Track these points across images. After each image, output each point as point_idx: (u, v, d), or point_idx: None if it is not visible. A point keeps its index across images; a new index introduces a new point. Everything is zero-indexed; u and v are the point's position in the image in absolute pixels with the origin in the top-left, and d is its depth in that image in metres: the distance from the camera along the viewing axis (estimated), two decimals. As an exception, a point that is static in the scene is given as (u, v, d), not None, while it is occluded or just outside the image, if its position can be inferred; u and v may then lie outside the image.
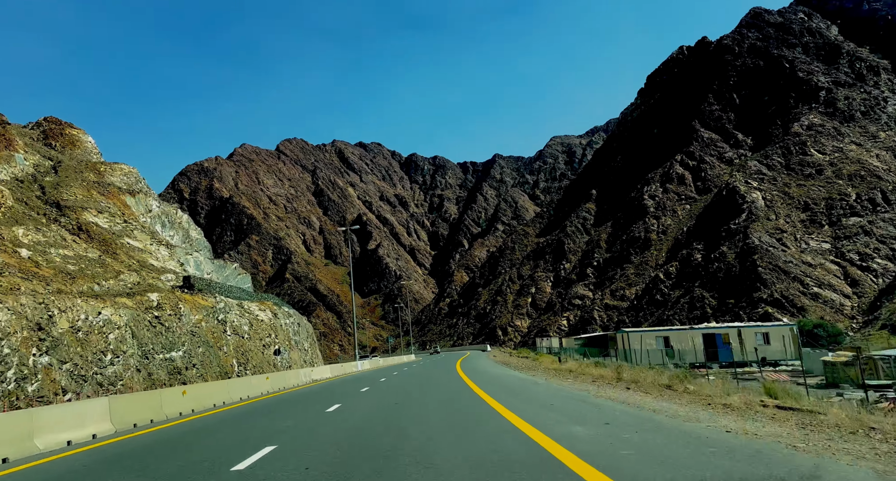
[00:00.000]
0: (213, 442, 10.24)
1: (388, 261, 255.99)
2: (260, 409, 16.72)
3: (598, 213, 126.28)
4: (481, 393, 14.81)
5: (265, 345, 38.97)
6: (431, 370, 34.45)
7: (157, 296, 29.26)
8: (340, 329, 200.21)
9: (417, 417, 11.48)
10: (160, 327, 28.74)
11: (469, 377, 21.68)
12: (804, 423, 8.43)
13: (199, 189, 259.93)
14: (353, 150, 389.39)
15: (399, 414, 12.06)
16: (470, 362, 43.09)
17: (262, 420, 13.50)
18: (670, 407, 11.12)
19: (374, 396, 16.85)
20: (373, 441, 8.71)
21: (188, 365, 29.76)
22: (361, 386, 23.71)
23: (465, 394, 15.12)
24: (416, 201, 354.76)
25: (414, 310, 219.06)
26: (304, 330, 52.82)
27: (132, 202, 44.72)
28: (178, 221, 51.38)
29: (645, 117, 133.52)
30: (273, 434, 10.44)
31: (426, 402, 14.16)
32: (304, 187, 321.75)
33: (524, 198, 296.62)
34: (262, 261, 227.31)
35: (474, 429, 9.25)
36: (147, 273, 34.22)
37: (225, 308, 35.18)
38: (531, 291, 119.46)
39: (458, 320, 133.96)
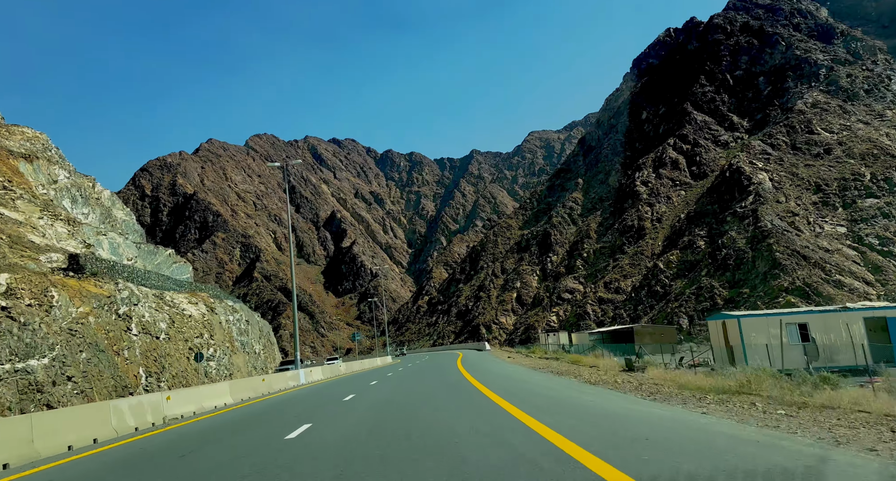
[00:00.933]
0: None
1: (363, 259, 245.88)
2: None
3: (585, 203, 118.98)
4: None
5: (193, 349, 29.61)
6: (426, 391, 18.45)
7: (6, 277, 19.87)
8: (313, 329, 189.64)
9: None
10: (9, 323, 19.30)
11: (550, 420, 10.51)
12: None
13: (162, 185, 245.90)
14: (327, 147, 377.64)
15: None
16: (483, 368, 28.08)
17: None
18: None
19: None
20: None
21: (58, 378, 20.31)
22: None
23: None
24: (392, 198, 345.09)
25: (391, 309, 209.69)
26: (255, 329, 43.42)
27: (28, 169, 34.91)
28: (97, 197, 41.51)
29: (632, 102, 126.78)
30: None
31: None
32: (274, 184, 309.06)
33: (503, 193, 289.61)
34: (229, 259, 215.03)
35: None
36: (17, 250, 24.71)
37: (130, 298, 25.81)
38: (516, 286, 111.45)
39: (438, 318, 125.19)
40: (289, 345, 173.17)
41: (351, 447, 7.87)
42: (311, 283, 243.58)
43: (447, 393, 16.55)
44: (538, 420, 8.98)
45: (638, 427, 8.15)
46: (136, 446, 11.29)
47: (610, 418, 9.27)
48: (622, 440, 6.97)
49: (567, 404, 11.65)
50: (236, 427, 12.93)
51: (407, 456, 7.02)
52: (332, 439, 9.08)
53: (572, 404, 11.51)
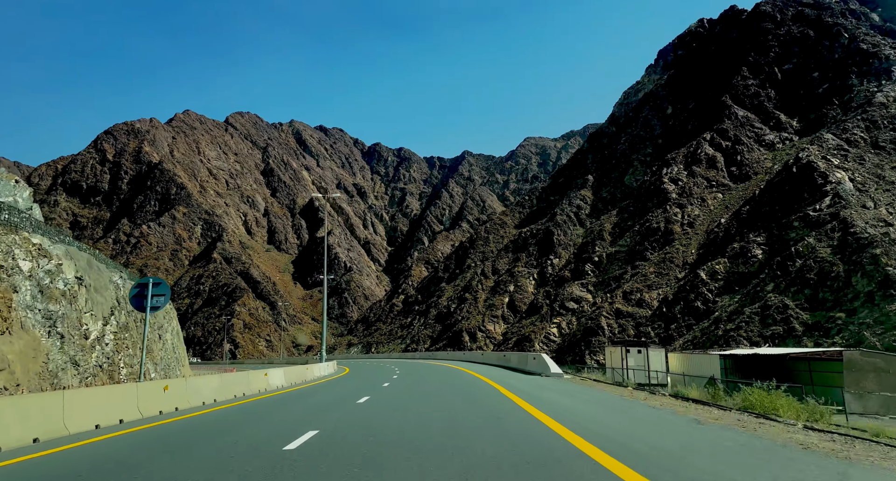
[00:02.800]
0: None
1: (338, 250, 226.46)
2: None
3: (595, 201, 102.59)
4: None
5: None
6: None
7: None
8: (273, 321, 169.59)
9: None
10: None
11: None
12: None
13: (126, 151, 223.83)
14: (312, 133, 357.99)
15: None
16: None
17: None
18: None
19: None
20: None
21: None
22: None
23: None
24: (376, 193, 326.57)
25: (362, 306, 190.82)
26: (106, 296, 25.25)
27: None
28: None
29: (657, 96, 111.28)
30: None
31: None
32: (251, 164, 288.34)
33: (493, 197, 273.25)
34: (188, 236, 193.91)
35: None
36: None
37: None
38: (509, 289, 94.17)
39: (414, 320, 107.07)
40: (241, 336, 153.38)
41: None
42: (278, 272, 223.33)
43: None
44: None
45: None
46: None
47: None
48: None
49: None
50: None
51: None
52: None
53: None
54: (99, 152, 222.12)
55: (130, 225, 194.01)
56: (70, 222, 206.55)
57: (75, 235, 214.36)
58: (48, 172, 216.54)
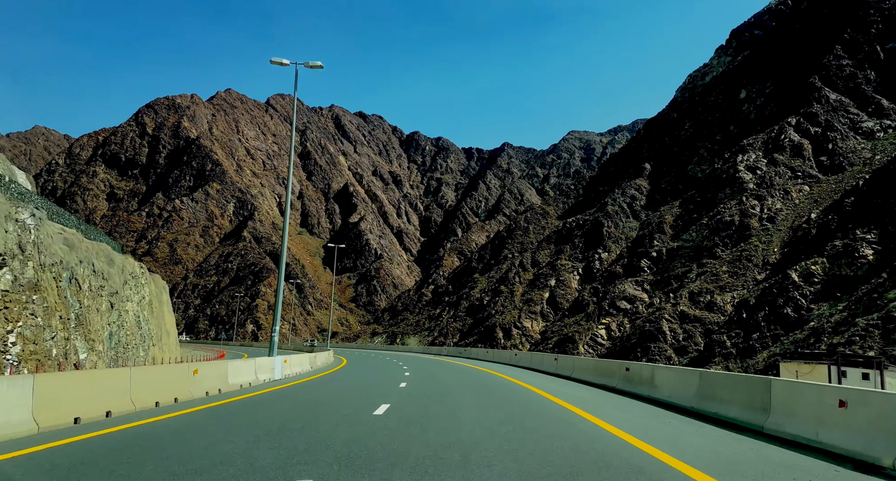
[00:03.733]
0: None
1: (369, 237, 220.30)
2: None
3: (652, 192, 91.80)
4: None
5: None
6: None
7: None
8: (299, 304, 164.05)
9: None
10: None
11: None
12: None
13: (166, 125, 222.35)
14: (352, 119, 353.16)
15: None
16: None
17: None
18: None
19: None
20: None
21: None
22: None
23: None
24: (411, 182, 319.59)
25: (390, 295, 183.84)
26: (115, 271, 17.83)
27: None
28: None
29: (728, 78, 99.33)
30: None
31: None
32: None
33: (531, 191, 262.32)
34: (220, 213, 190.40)
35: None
36: None
37: None
38: (549, 284, 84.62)
39: (444, 311, 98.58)
40: (265, 318, 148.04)
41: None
42: (309, 256, 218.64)
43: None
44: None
45: None
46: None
47: None
48: None
49: None
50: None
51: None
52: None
53: None
54: (139, 125, 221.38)
55: (164, 199, 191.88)
56: (107, 194, 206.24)
57: (111, 207, 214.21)
58: (89, 143, 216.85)
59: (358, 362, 36.02)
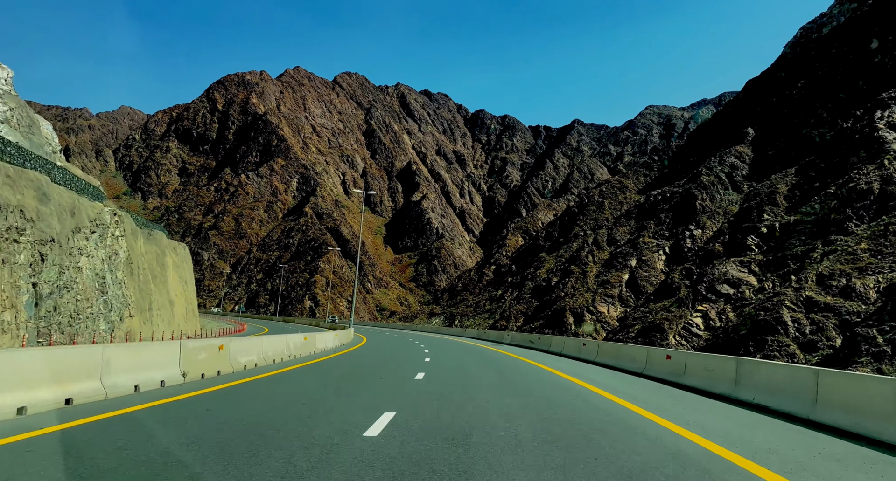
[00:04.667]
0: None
1: (431, 216, 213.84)
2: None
3: (758, 159, 77.99)
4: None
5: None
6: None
7: None
8: (358, 282, 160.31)
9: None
10: None
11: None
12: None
13: (235, 102, 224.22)
14: (417, 97, 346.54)
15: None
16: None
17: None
18: None
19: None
20: None
21: None
22: None
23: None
24: (475, 161, 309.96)
25: (451, 276, 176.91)
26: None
27: None
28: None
29: (855, 27, 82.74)
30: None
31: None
32: (354, 125, 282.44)
33: (603, 170, 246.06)
34: (284, 189, 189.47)
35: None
36: None
37: None
38: (629, 264, 73.59)
39: (506, 292, 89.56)
40: (322, 294, 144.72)
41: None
42: (370, 234, 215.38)
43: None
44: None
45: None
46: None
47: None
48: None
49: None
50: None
51: None
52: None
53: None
54: (210, 102, 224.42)
55: (232, 174, 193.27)
56: (179, 169, 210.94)
57: (182, 182, 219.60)
58: (164, 119, 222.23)
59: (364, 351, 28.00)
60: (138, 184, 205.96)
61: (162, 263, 32.22)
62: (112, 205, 25.60)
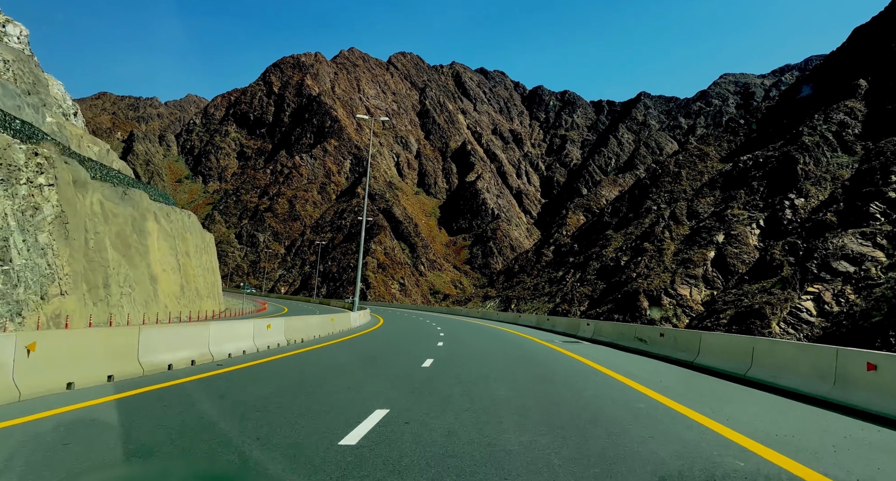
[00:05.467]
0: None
1: (486, 196, 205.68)
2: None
3: (873, 115, 64.98)
4: None
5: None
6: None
7: None
8: (411, 264, 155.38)
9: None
10: None
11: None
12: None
13: (290, 84, 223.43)
14: (472, 76, 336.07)
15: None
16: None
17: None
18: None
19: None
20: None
21: None
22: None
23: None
24: (533, 140, 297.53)
25: (507, 258, 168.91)
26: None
27: None
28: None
29: None
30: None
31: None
32: (408, 105, 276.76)
33: (672, 144, 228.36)
34: (337, 170, 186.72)
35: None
36: None
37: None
38: (715, 240, 63.33)
39: (568, 273, 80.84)
40: (374, 276, 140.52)
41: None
42: (424, 216, 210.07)
43: None
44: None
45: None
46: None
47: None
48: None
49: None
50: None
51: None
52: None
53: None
54: (266, 85, 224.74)
55: (287, 156, 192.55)
56: (237, 152, 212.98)
57: (240, 165, 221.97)
58: (222, 103, 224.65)
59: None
60: (199, 167, 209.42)
61: (141, 230, 26.76)
62: (51, 148, 19.72)
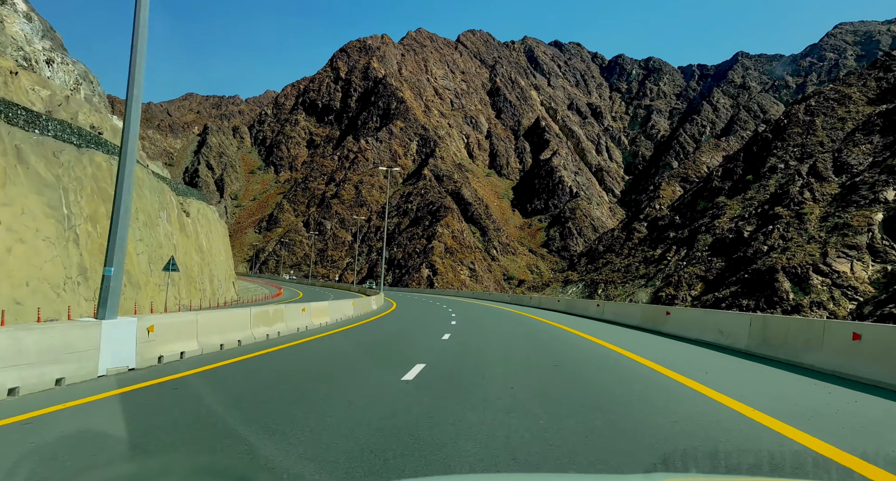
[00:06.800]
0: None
1: (563, 174, 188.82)
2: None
3: None
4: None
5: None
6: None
7: None
8: (482, 249, 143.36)
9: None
10: None
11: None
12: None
13: (356, 68, 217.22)
14: (546, 50, 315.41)
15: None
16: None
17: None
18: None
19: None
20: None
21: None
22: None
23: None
24: (614, 113, 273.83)
25: (589, 239, 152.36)
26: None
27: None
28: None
29: None
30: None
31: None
32: (478, 84, 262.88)
33: (778, 106, 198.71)
34: (404, 153, 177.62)
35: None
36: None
37: None
38: (882, 197, 45.87)
39: (668, 251, 65.23)
40: (441, 261, 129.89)
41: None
42: (496, 198, 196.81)
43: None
44: None
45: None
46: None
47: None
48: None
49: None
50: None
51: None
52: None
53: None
54: (333, 70, 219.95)
55: (353, 141, 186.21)
56: (307, 140, 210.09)
57: (310, 153, 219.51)
58: (292, 93, 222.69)
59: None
60: (271, 158, 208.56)
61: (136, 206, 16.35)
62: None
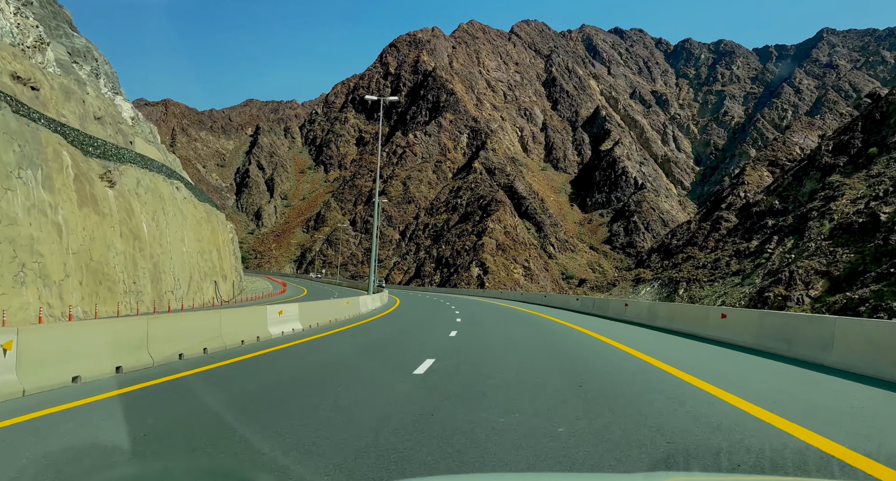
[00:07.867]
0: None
1: (626, 165, 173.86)
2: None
3: None
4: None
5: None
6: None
7: None
8: (537, 246, 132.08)
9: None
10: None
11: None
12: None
13: (406, 62, 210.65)
14: (605, 38, 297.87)
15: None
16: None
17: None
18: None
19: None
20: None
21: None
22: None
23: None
24: (681, 100, 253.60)
25: (657, 234, 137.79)
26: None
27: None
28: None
29: None
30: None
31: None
32: (532, 75, 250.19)
33: (873, 85, 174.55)
34: (453, 146, 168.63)
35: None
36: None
37: None
38: None
39: (769, 242, 52.39)
40: (492, 259, 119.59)
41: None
42: (553, 192, 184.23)
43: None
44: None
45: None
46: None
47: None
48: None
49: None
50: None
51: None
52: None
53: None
54: (383, 66, 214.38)
55: (402, 136, 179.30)
56: (356, 138, 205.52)
57: (359, 151, 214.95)
58: (342, 91, 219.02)
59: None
60: (321, 157, 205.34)
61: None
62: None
